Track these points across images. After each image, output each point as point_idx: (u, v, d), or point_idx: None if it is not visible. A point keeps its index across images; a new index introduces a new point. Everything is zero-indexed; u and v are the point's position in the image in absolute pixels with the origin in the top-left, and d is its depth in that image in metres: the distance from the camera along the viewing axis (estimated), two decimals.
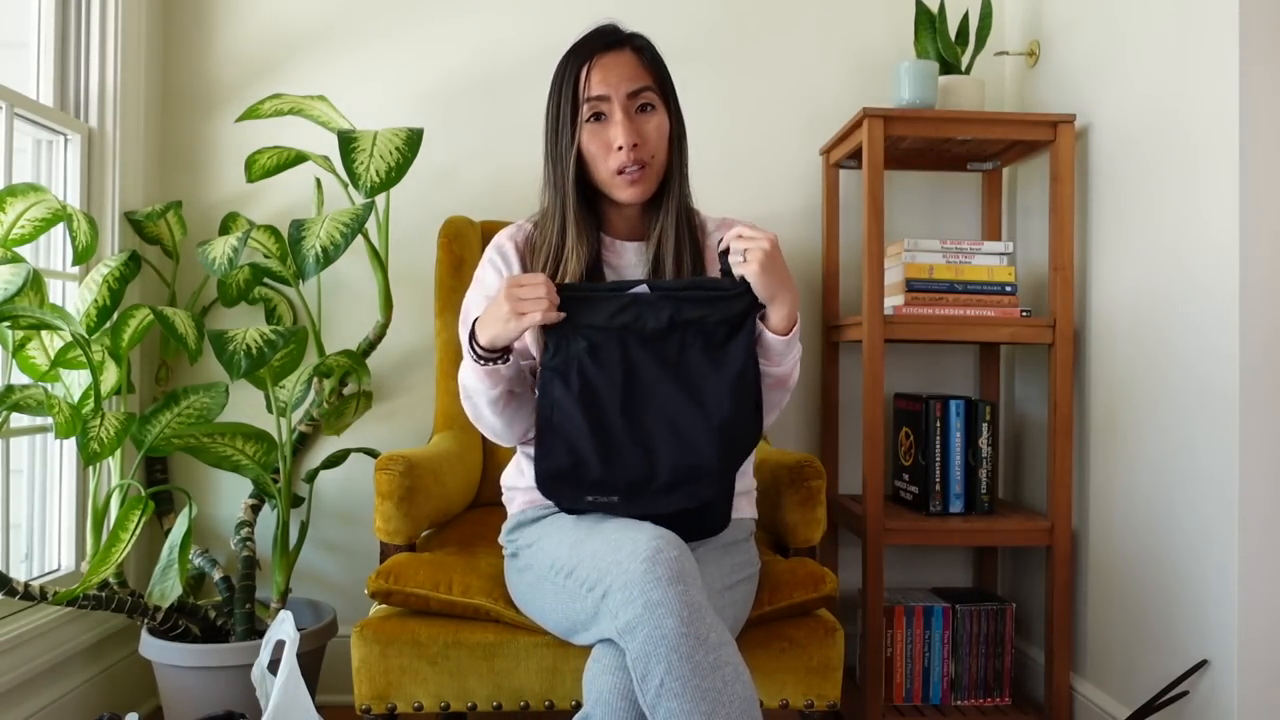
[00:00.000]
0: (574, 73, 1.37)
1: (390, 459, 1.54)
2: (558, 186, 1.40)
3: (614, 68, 1.37)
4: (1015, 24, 2.31)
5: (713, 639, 1.13)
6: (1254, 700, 1.53)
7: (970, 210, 2.35)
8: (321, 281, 2.20)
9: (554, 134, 1.40)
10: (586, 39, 1.40)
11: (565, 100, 1.38)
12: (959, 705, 2.04)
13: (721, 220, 1.53)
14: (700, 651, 1.11)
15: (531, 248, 1.46)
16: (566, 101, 1.37)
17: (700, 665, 1.11)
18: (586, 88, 1.36)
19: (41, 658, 1.79)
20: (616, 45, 1.38)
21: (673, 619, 1.12)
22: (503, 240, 1.50)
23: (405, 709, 1.43)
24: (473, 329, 1.32)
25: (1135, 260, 1.82)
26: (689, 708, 1.09)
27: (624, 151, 1.35)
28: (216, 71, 2.24)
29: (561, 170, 1.39)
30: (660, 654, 1.11)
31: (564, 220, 1.41)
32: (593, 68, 1.36)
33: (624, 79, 1.36)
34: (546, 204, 1.44)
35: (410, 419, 2.25)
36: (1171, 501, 1.70)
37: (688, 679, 1.10)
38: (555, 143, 1.40)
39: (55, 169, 1.96)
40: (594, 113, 1.36)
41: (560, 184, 1.40)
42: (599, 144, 1.37)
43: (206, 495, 2.22)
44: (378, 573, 1.46)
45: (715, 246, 1.45)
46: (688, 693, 1.09)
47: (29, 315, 1.58)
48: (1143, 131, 1.80)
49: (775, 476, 1.64)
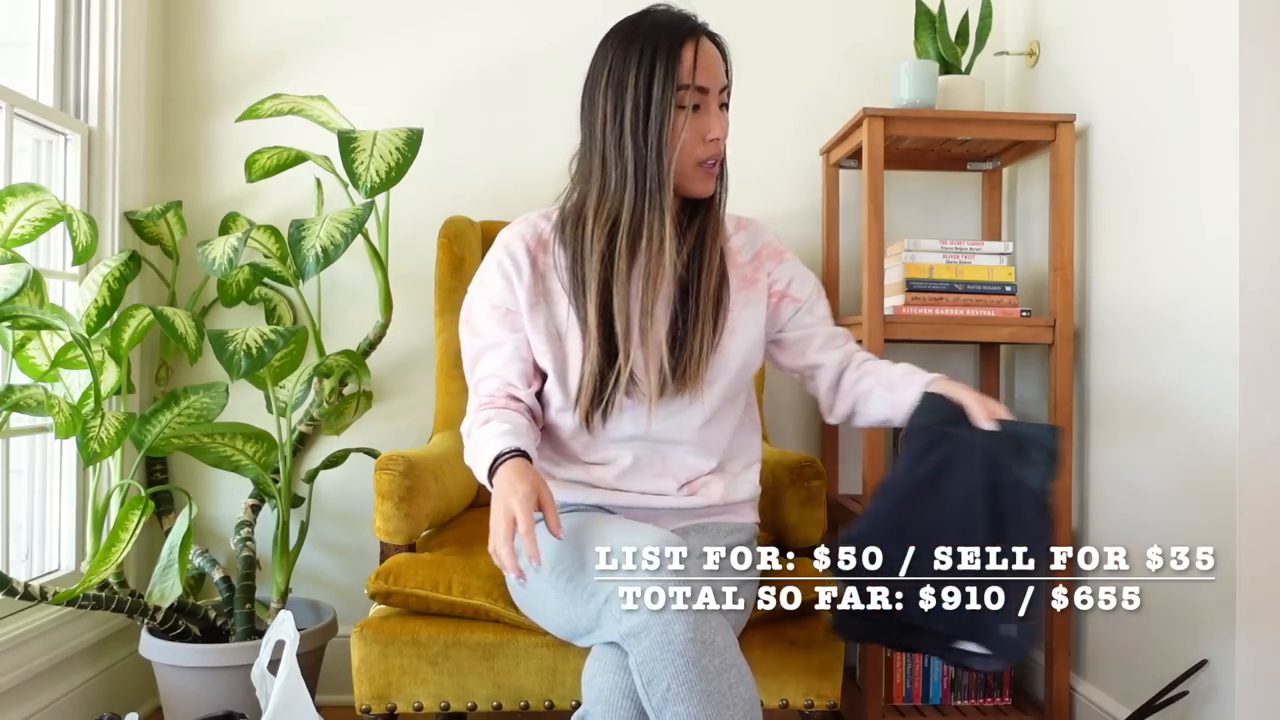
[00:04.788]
0: (673, 55, 1.30)
1: (390, 459, 1.54)
2: (640, 167, 1.31)
3: (713, 60, 1.34)
4: (1015, 24, 2.31)
5: (718, 643, 1.13)
6: (1254, 700, 1.53)
7: (970, 210, 2.35)
8: (321, 281, 2.20)
9: (641, 112, 1.30)
10: (674, 22, 1.33)
11: (660, 79, 1.30)
12: (959, 705, 2.04)
13: (739, 220, 1.51)
14: (706, 656, 1.12)
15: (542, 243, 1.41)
16: (661, 81, 1.30)
17: (706, 669, 1.11)
18: (692, 74, 1.31)
19: (41, 658, 1.79)
20: (707, 37, 1.35)
21: (680, 624, 1.12)
22: (511, 239, 1.42)
23: (405, 709, 1.43)
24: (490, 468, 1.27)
25: (1135, 260, 1.82)
26: (695, 711, 1.10)
27: (716, 144, 1.34)
28: (216, 71, 2.24)
29: (646, 150, 1.30)
30: (667, 659, 1.11)
31: (644, 204, 1.32)
32: (697, 55, 1.31)
33: (720, 73, 1.35)
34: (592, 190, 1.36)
35: (410, 419, 2.24)
36: (1171, 501, 1.70)
37: (694, 683, 1.10)
38: (641, 121, 1.30)
39: (55, 169, 1.96)
40: (694, 102, 1.32)
41: (642, 164, 1.31)
42: (693, 132, 1.32)
43: (206, 495, 2.22)
44: (377, 574, 1.46)
45: (738, 250, 1.45)
46: (694, 697, 1.10)
47: (29, 315, 1.58)
48: (1143, 131, 1.80)
49: (775, 476, 1.64)
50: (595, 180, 1.35)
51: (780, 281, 1.47)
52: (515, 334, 1.39)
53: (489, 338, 1.40)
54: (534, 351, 1.39)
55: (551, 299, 1.40)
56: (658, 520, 1.42)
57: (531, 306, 1.39)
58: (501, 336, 1.39)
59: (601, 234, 1.34)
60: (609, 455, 1.41)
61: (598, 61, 1.36)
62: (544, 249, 1.41)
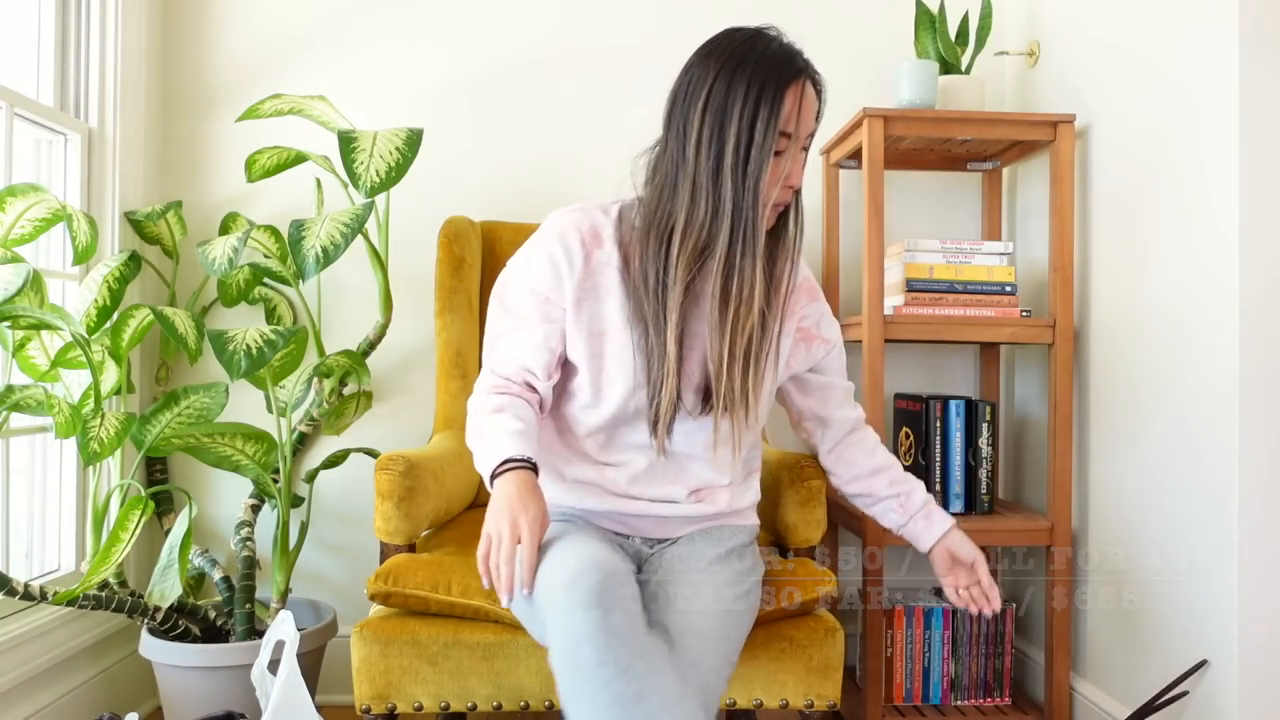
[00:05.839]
0: (779, 98, 1.27)
1: (390, 459, 1.54)
2: (737, 207, 1.28)
3: (811, 105, 1.31)
4: (1015, 24, 2.31)
5: (638, 667, 1.08)
6: (1254, 700, 1.53)
7: (970, 210, 2.35)
8: (321, 281, 2.20)
9: (742, 151, 1.26)
10: (784, 59, 1.29)
11: (764, 121, 1.26)
12: (959, 705, 2.04)
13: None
14: (620, 681, 1.06)
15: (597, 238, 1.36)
16: (764, 124, 1.26)
17: (620, 695, 1.06)
18: (794, 122, 1.28)
19: (41, 658, 1.79)
20: (810, 81, 1.31)
21: (588, 647, 1.08)
22: (566, 228, 1.36)
23: (405, 709, 1.43)
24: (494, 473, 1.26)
25: (1135, 260, 1.82)
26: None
27: (789, 191, 1.32)
28: (216, 71, 2.24)
29: (744, 192, 1.27)
30: (578, 685, 1.08)
31: (739, 249, 1.29)
32: (801, 100, 1.29)
33: (813, 119, 1.32)
34: (679, 211, 1.31)
35: (410, 419, 2.25)
36: (1171, 501, 1.70)
37: (604, 710, 1.06)
38: (741, 160, 1.27)
39: (55, 169, 1.97)
40: (780, 148, 1.29)
41: (740, 205, 1.28)
42: (773, 174, 1.29)
43: (206, 495, 2.22)
44: (376, 574, 1.46)
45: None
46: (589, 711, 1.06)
47: (29, 315, 1.58)
48: (1143, 131, 1.80)
49: (775, 476, 1.64)
50: (683, 202, 1.30)
51: (810, 319, 1.48)
52: (549, 324, 1.36)
53: (521, 319, 1.37)
54: (570, 346, 1.36)
55: (599, 295, 1.36)
56: (665, 528, 1.42)
57: (578, 303, 1.35)
58: (534, 322, 1.36)
59: (688, 263, 1.30)
60: (624, 458, 1.40)
61: (698, 76, 1.31)
62: (599, 244, 1.36)
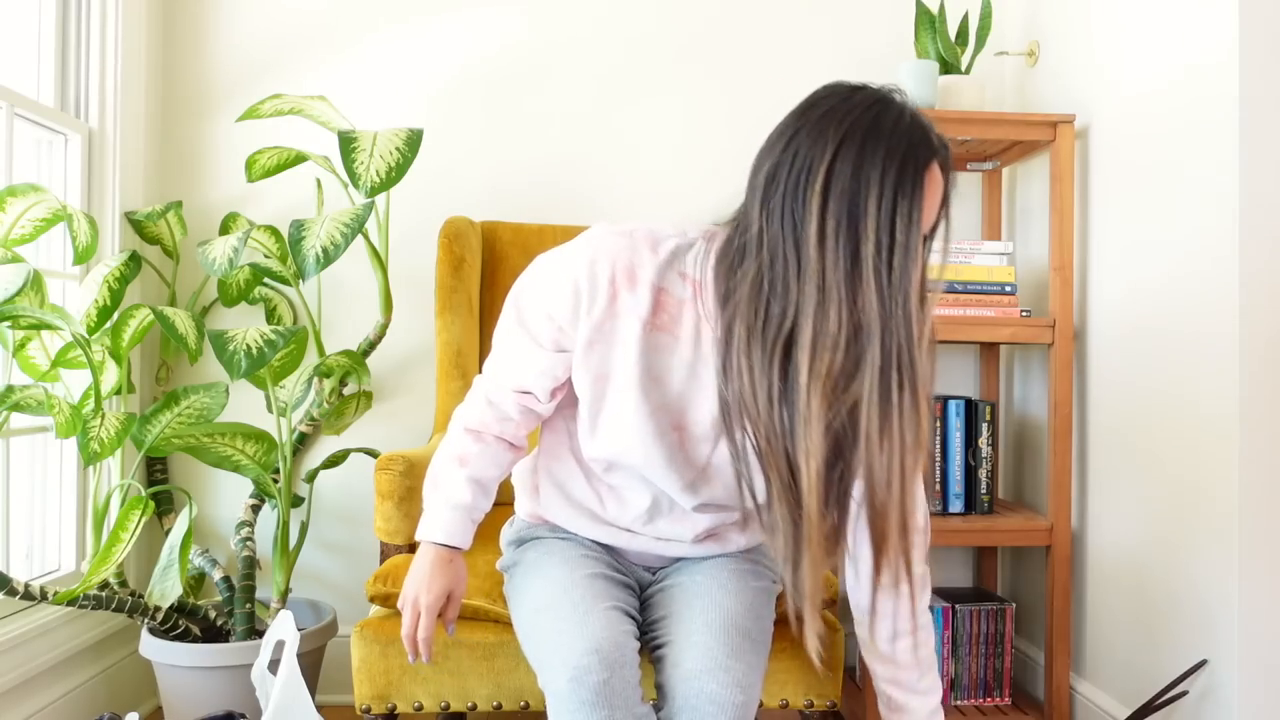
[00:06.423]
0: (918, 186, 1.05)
1: (390, 459, 1.54)
2: (888, 326, 1.04)
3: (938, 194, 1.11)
4: (1015, 24, 2.31)
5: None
6: (1254, 700, 1.53)
7: (970, 210, 2.35)
8: (321, 281, 2.20)
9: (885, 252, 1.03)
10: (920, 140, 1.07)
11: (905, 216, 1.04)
12: (959, 705, 2.04)
13: None
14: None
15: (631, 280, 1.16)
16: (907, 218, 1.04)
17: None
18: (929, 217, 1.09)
19: (42, 658, 1.79)
20: (941, 166, 1.10)
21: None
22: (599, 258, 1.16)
23: (405, 709, 1.43)
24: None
25: (1135, 260, 1.82)
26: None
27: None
28: (216, 71, 2.24)
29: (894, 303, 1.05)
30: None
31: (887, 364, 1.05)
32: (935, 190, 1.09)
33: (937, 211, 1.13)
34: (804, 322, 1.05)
35: (410, 419, 2.25)
36: (1171, 501, 1.70)
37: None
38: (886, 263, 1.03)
39: (55, 169, 1.97)
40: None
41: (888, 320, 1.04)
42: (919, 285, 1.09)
43: (206, 495, 2.22)
44: (376, 575, 1.46)
45: None
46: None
47: (29, 315, 1.58)
48: (1143, 131, 1.80)
49: None
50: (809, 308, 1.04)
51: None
52: (558, 353, 1.23)
53: (533, 339, 1.25)
54: (575, 378, 1.23)
55: (612, 340, 1.19)
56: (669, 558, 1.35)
57: (589, 344, 1.19)
58: (544, 346, 1.24)
59: (826, 397, 1.06)
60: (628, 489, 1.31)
61: (807, 146, 1.05)
62: (631, 286, 1.16)
